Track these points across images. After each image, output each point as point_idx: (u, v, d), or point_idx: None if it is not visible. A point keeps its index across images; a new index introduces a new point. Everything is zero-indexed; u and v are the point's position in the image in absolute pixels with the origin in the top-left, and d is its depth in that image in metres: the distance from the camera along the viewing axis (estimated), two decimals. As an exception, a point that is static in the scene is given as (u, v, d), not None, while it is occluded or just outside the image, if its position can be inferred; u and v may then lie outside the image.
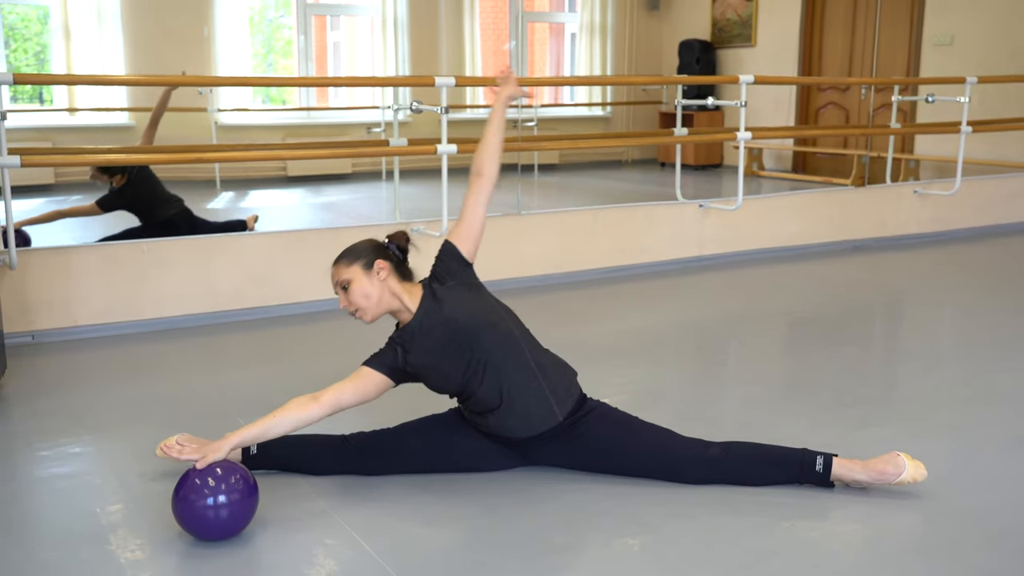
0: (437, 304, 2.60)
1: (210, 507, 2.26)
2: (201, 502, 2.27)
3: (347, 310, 2.61)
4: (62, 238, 5.36)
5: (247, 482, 2.33)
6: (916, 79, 8.32)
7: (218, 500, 2.27)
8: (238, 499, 2.29)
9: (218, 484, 2.28)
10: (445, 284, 2.65)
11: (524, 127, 9.24)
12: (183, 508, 2.28)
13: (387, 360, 2.58)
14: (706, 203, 5.87)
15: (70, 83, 7.91)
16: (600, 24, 10.66)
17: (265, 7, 10.05)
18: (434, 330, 2.58)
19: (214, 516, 2.27)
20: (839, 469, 2.55)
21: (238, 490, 2.30)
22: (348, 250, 2.64)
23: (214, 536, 2.31)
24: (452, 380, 2.59)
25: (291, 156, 6.34)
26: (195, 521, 2.29)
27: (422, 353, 2.58)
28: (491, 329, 2.58)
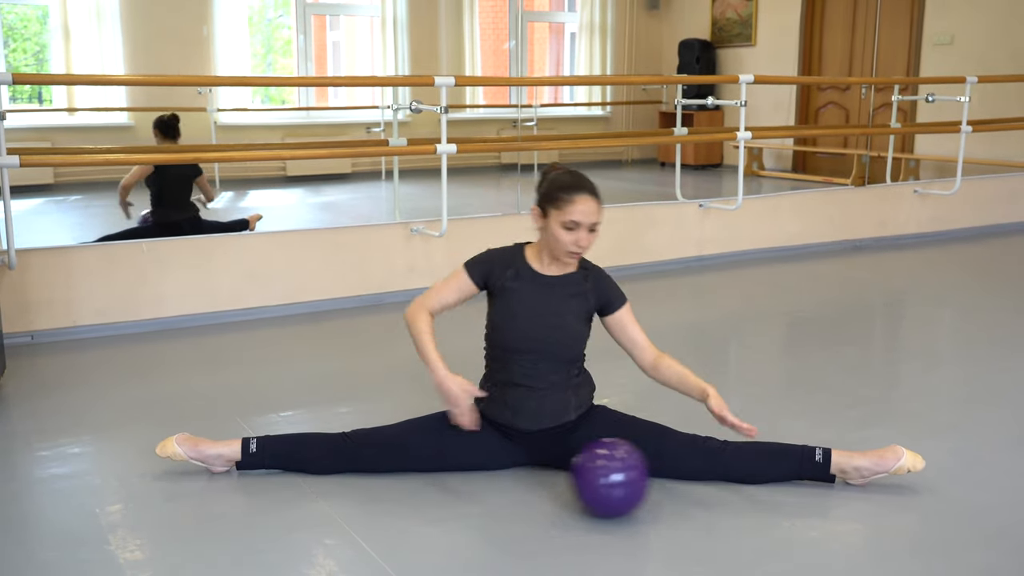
0: (574, 291, 2.63)
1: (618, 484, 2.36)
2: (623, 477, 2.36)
3: (577, 248, 2.55)
4: (62, 238, 5.36)
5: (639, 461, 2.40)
6: (916, 79, 8.32)
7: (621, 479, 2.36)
8: (636, 477, 2.38)
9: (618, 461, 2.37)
10: (587, 291, 2.65)
11: (524, 127, 9.25)
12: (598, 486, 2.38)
13: (486, 271, 2.63)
14: (706, 203, 5.87)
15: (69, 83, 7.91)
16: (600, 24, 10.66)
17: (265, 7, 10.05)
18: (550, 299, 2.60)
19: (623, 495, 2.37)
20: (838, 458, 2.56)
21: (636, 467, 2.38)
22: (597, 188, 2.58)
23: (614, 513, 2.40)
24: (511, 338, 2.60)
25: (291, 156, 6.34)
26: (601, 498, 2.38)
27: (523, 298, 2.60)
28: (572, 347, 2.65)
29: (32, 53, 9.03)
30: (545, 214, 2.56)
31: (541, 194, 2.58)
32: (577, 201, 2.52)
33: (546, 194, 2.56)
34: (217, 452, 2.65)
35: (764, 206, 6.22)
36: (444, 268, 5.10)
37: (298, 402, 3.37)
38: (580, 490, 2.41)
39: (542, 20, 11.64)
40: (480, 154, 9.42)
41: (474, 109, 10.18)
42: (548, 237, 2.58)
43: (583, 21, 10.67)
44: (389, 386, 3.56)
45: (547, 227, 2.56)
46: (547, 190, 2.56)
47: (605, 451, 2.40)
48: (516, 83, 8.81)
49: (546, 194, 2.56)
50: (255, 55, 9.78)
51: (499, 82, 9.80)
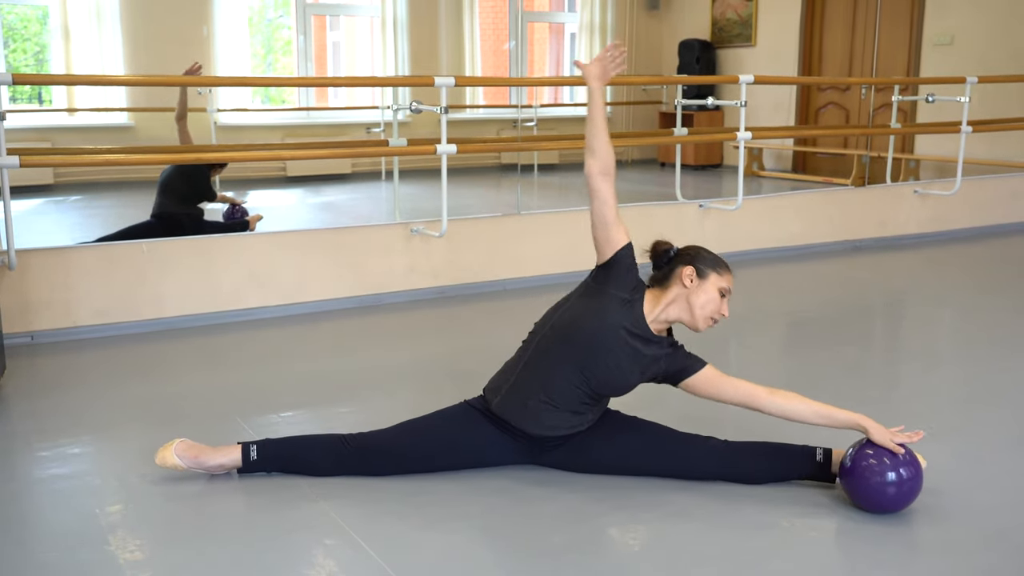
0: (660, 354, 2.61)
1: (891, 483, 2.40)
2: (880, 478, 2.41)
3: (720, 317, 2.62)
4: (62, 238, 5.36)
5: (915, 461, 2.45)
6: (916, 79, 8.32)
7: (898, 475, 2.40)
8: (913, 475, 2.42)
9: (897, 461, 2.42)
10: (663, 357, 2.62)
11: (524, 127, 9.24)
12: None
13: (630, 266, 2.68)
14: (706, 203, 5.87)
15: (69, 83, 7.90)
16: (600, 24, 10.65)
17: (265, 7, 10.05)
18: (641, 355, 2.57)
19: (894, 492, 2.41)
20: (840, 458, 2.55)
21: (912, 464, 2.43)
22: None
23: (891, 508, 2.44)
24: (585, 370, 2.55)
25: (291, 156, 6.33)
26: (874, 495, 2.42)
27: (623, 348, 2.55)
28: (614, 395, 2.66)
29: (32, 53, 9.03)
30: (703, 277, 2.58)
31: (702, 259, 2.62)
32: (731, 275, 2.63)
33: (710, 260, 2.62)
34: (217, 463, 2.64)
35: (764, 206, 6.22)
36: (444, 268, 5.12)
37: (298, 402, 3.37)
38: (855, 490, 2.46)
39: (542, 20, 11.63)
40: (480, 154, 9.42)
41: (474, 109, 10.18)
42: (694, 298, 2.57)
43: (583, 21, 10.67)
44: (389, 386, 3.56)
45: (700, 288, 2.57)
46: (712, 257, 2.63)
47: (872, 452, 2.45)
48: (516, 83, 8.80)
49: (710, 260, 2.62)
50: (255, 55, 9.78)
51: (499, 82, 9.80)
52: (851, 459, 2.46)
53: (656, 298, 2.62)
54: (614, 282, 2.60)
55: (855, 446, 2.49)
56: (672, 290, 2.60)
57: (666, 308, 2.60)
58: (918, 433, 2.48)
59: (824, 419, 2.55)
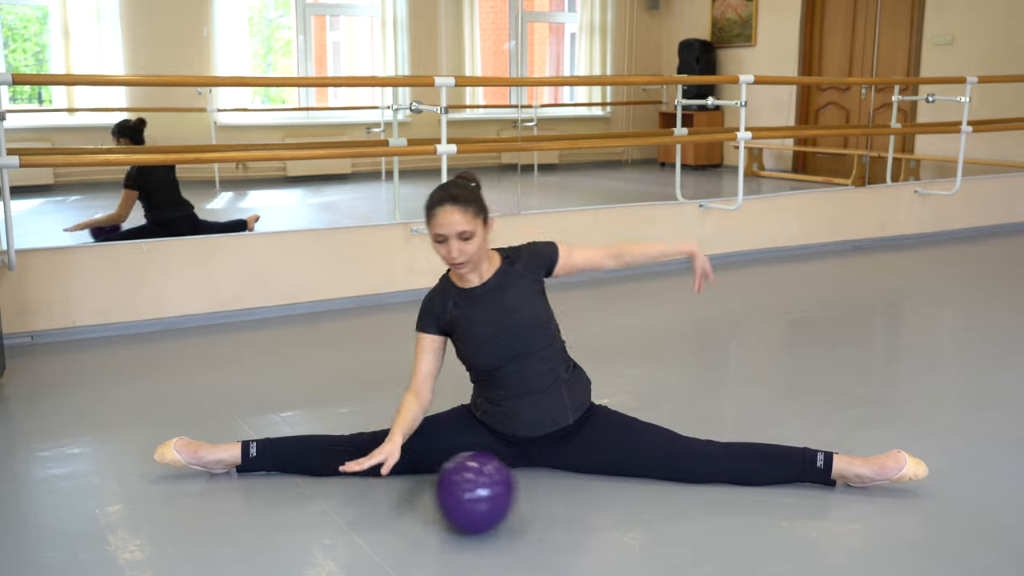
0: (509, 284, 2.60)
1: (482, 499, 2.29)
2: (471, 495, 2.29)
3: (453, 260, 2.50)
4: (62, 238, 5.36)
5: (505, 473, 2.35)
6: (916, 79, 8.32)
7: (484, 494, 2.29)
8: (502, 491, 2.32)
9: (485, 477, 2.31)
10: (522, 274, 2.63)
11: (524, 127, 9.24)
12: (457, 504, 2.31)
13: (432, 320, 2.62)
14: (706, 203, 5.87)
15: (69, 83, 7.91)
16: (600, 24, 10.66)
17: (264, 7, 10.05)
18: (493, 305, 2.58)
19: (482, 509, 2.30)
20: (840, 464, 2.55)
21: (502, 482, 2.32)
22: (469, 195, 2.49)
23: (479, 529, 2.34)
24: (485, 359, 2.59)
25: (291, 156, 6.33)
26: (463, 515, 2.31)
27: (472, 319, 2.58)
28: (544, 332, 2.62)
29: (32, 53, 9.03)
30: (427, 227, 2.53)
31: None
32: (438, 213, 2.46)
33: (426, 207, 2.51)
34: (216, 458, 2.65)
35: (764, 206, 6.22)
36: (443, 268, 5.10)
37: (298, 402, 3.37)
38: (443, 503, 2.33)
39: (542, 20, 11.64)
40: (480, 154, 9.42)
41: (474, 109, 10.18)
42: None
43: (583, 21, 10.68)
44: (389, 386, 3.56)
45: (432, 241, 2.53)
46: (426, 204, 2.51)
47: (475, 465, 2.33)
48: (516, 83, 8.81)
49: (426, 207, 2.51)
50: (255, 55, 9.78)
51: (499, 82, 9.81)
52: (444, 472, 2.34)
53: None
54: (438, 318, 2.66)
55: (453, 460, 2.35)
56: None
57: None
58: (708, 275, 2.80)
59: (649, 258, 2.76)
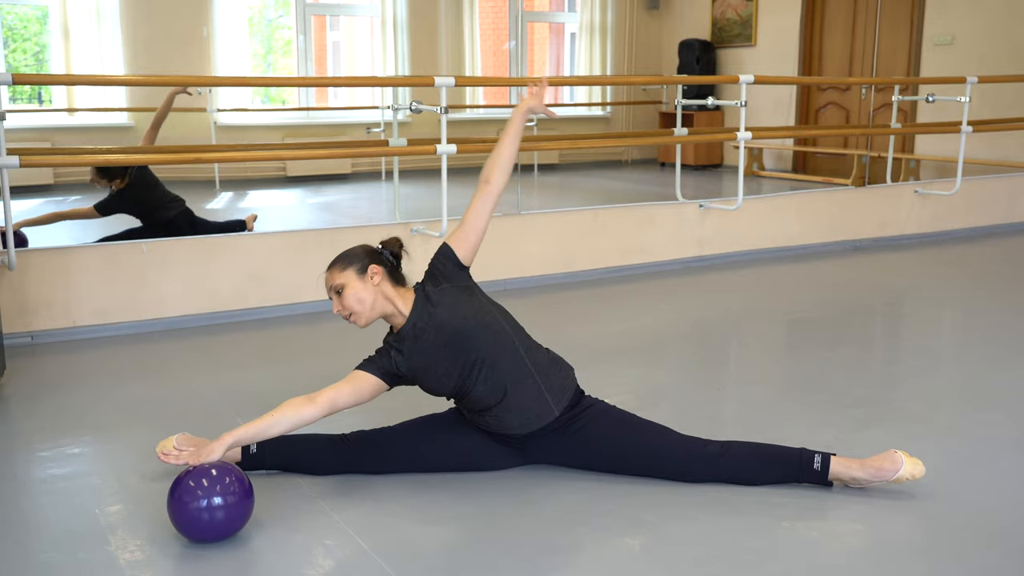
0: (430, 307, 2.61)
1: (204, 509, 2.26)
2: (195, 504, 2.26)
3: (340, 315, 2.64)
4: (62, 238, 5.36)
5: (242, 484, 2.32)
6: (916, 79, 8.32)
7: (213, 502, 2.25)
8: (233, 501, 2.28)
9: (212, 486, 2.27)
10: (439, 286, 2.65)
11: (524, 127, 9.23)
12: (178, 510, 2.28)
13: (381, 364, 2.60)
14: (706, 203, 5.87)
15: (69, 83, 7.90)
16: (600, 24, 10.66)
17: (264, 7, 10.05)
18: (427, 333, 2.59)
19: (208, 518, 2.26)
20: (837, 467, 2.55)
21: (233, 492, 2.28)
22: (342, 255, 2.67)
23: (207, 538, 2.30)
24: (447, 382, 2.59)
25: (291, 156, 6.33)
26: (189, 523, 2.28)
27: (417, 356, 2.59)
28: (485, 330, 2.60)
29: (32, 53, 9.03)
30: None
31: None
32: (328, 274, 2.67)
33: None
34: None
35: (764, 206, 6.22)
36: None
37: (298, 402, 3.36)
38: (174, 514, 2.29)
39: (542, 20, 11.64)
40: (480, 154, 9.40)
41: (474, 109, 10.18)
42: None
43: (583, 21, 10.67)
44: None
45: None
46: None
47: (201, 478, 2.28)
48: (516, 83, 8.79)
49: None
50: (255, 55, 9.78)
51: (499, 82, 9.79)
52: (174, 485, 2.30)
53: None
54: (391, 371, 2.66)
55: (189, 470, 2.31)
56: None
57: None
58: (552, 115, 2.77)
59: (510, 135, 2.74)
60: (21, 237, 4.94)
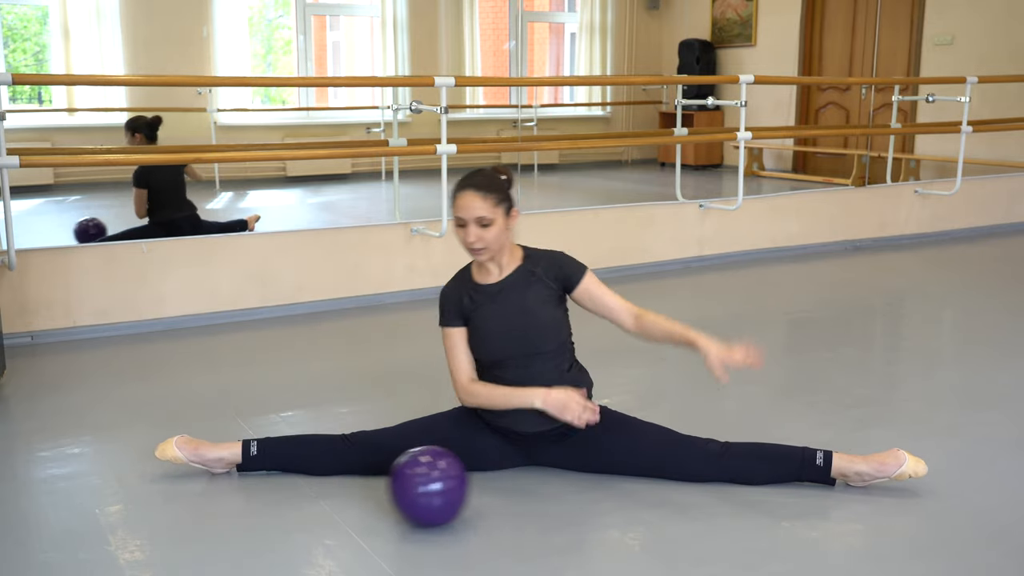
0: (526, 284, 2.62)
1: (433, 494, 2.31)
2: (425, 488, 2.31)
3: (471, 246, 2.54)
4: (62, 238, 5.36)
5: (460, 468, 2.37)
6: (916, 79, 8.32)
7: (440, 487, 2.32)
8: (454, 486, 2.34)
9: (439, 471, 2.33)
10: (541, 278, 2.64)
11: (524, 127, 9.24)
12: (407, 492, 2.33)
13: (453, 310, 2.63)
14: (706, 203, 5.87)
15: (69, 83, 7.91)
16: (600, 24, 10.66)
17: (264, 7, 10.05)
18: (508, 303, 2.60)
19: (436, 503, 2.32)
20: (840, 462, 2.55)
21: (453, 476, 2.34)
22: (491, 183, 2.54)
23: (431, 522, 2.35)
24: (492, 353, 2.61)
25: (291, 156, 6.34)
26: (416, 507, 2.33)
27: (486, 314, 2.60)
28: (554, 335, 2.64)
29: (32, 53, 9.04)
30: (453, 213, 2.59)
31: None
32: (458, 198, 2.54)
33: (452, 196, 2.60)
34: (217, 456, 2.65)
35: (764, 206, 6.22)
36: (444, 268, 5.08)
37: (298, 402, 3.37)
38: (396, 496, 2.35)
39: (542, 20, 11.64)
40: (480, 154, 9.42)
41: (474, 109, 10.18)
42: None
43: (583, 21, 10.67)
44: (389, 386, 3.56)
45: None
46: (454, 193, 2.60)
47: (428, 459, 2.35)
48: (516, 83, 8.81)
49: (452, 196, 2.60)
50: (255, 55, 9.79)
51: (499, 82, 9.81)
52: (398, 466, 2.36)
53: None
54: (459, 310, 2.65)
55: (410, 454, 2.37)
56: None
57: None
58: (755, 354, 2.49)
59: (667, 337, 2.63)
60: (101, 227, 5.26)
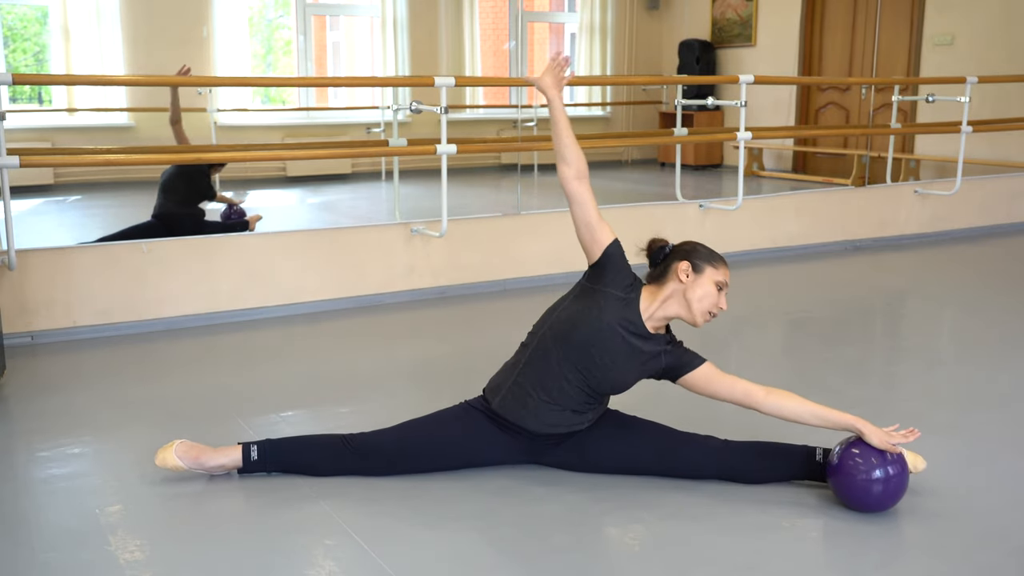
0: (653, 355, 2.61)
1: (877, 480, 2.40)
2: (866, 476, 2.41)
3: (717, 310, 2.61)
4: (62, 238, 5.36)
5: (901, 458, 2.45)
6: (916, 79, 8.32)
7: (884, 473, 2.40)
8: (898, 472, 2.42)
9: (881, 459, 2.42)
10: (661, 357, 2.63)
11: (524, 127, 9.24)
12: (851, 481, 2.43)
13: (619, 266, 2.66)
14: (706, 203, 5.87)
15: (69, 83, 7.90)
16: (600, 24, 10.65)
17: (264, 7, 10.05)
18: (638, 360, 2.58)
19: (880, 490, 2.41)
20: None
21: (897, 462, 2.43)
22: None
23: (873, 507, 2.44)
24: (572, 368, 2.56)
25: (291, 156, 6.33)
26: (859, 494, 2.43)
27: (620, 346, 2.55)
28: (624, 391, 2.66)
29: (32, 53, 9.04)
30: (699, 271, 2.59)
31: (696, 253, 2.63)
32: (725, 266, 2.63)
33: (704, 254, 2.63)
34: (218, 463, 2.64)
35: (764, 206, 6.22)
36: (444, 268, 5.12)
37: (298, 402, 3.37)
38: (842, 488, 2.46)
39: (542, 20, 11.64)
40: (480, 154, 9.42)
41: (474, 109, 10.18)
42: (691, 293, 2.57)
43: (583, 21, 10.67)
44: (389, 386, 3.56)
45: (696, 283, 2.57)
46: (705, 251, 2.63)
47: (858, 450, 2.45)
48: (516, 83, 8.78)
49: (704, 254, 2.63)
50: (255, 55, 9.78)
51: (499, 82, 9.79)
52: (838, 457, 2.47)
53: (652, 295, 2.62)
54: (608, 280, 2.60)
55: (843, 444, 2.49)
56: (668, 286, 2.60)
57: (663, 304, 2.60)
58: (914, 432, 2.46)
59: (820, 420, 2.54)
60: (240, 212, 5.45)
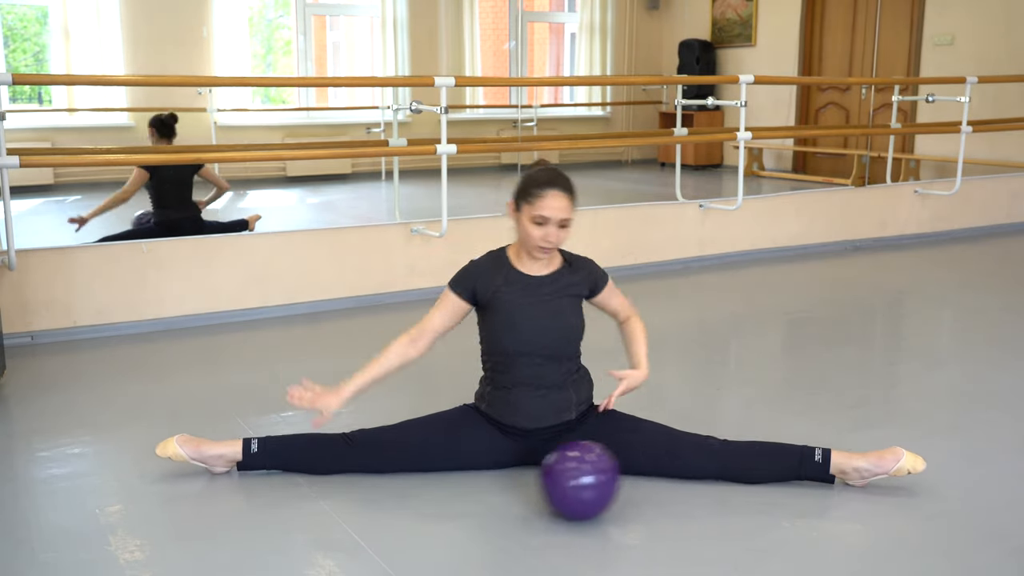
0: (564, 287, 2.65)
1: (584, 487, 2.35)
2: (574, 482, 2.35)
3: (546, 243, 2.55)
4: (62, 238, 5.36)
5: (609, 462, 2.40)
6: (916, 79, 8.32)
7: (591, 480, 2.36)
8: (606, 479, 2.37)
9: (589, 464, 2.37)
10: (576, 282, 2.68)
11: (524, 127, 9.25)
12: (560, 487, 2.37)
13: (474, 284, 2.63)
14: (706, 203, 5.87)
15: (69, 83, 7.91)
16: (600, 24, 10.66)
17: (264, 7, 10.06)
18: (546, 302, 2.62)
19: (590, 496, 2.36)
20: (838, 459, 2.56)
21: (606, 469, 2.37)
22: (572, 184, 2.58)
23: (580, 515, 2.39)
24: (512, 344, 2.60)
25: (291, 156, 6.34)
26: (567, 501, 2.38)
27: (520, 304, 2.60)
28: (575, 342, 2.68)
29: (32, 53, 9.04)
30: (518, 209, 2.57)
31: (516, 189, 2.60)
32: (547, 196, 2.53)
33: (520, 189, 2.58)
34: (218, 453, 2.65)
35: (764, 206, 6.22)
36: (444, 268, 5.09)
37: (298, 402, 3.36)
38: (549, 492, 2.40)
39: (542, 20, 11.65)
40: (480, 154, 9.42)
41: (474, 109, 10.19)
42: (520, 230, 2.59)
43: (583, 21, 10.68)
44: (389, 386, 3.55)
45: (520, 221, 2.58)
46: (522, 185, 2.58)
47: (576, 453, 2.40)
48: (516, 83, 8.82)
49: (520, 189, 2.58)
50: (255, 55, 9.79)
51: (499, 82, 9.81)
52: (551, 461, 2.41)
53: (516, 243, 2.67)
54: (481, 291, 2.64)
55: (557, 451, 2.43)
56: (515, 228, 2.63)
57: (520, 246, 2.64)
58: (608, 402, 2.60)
59: (627, 347, 2.76)
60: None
